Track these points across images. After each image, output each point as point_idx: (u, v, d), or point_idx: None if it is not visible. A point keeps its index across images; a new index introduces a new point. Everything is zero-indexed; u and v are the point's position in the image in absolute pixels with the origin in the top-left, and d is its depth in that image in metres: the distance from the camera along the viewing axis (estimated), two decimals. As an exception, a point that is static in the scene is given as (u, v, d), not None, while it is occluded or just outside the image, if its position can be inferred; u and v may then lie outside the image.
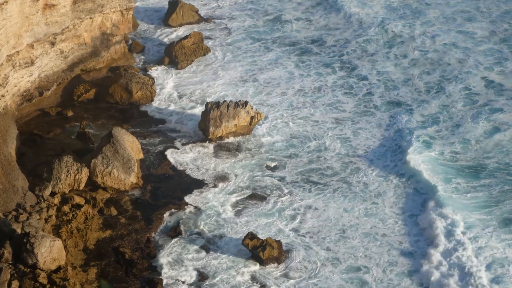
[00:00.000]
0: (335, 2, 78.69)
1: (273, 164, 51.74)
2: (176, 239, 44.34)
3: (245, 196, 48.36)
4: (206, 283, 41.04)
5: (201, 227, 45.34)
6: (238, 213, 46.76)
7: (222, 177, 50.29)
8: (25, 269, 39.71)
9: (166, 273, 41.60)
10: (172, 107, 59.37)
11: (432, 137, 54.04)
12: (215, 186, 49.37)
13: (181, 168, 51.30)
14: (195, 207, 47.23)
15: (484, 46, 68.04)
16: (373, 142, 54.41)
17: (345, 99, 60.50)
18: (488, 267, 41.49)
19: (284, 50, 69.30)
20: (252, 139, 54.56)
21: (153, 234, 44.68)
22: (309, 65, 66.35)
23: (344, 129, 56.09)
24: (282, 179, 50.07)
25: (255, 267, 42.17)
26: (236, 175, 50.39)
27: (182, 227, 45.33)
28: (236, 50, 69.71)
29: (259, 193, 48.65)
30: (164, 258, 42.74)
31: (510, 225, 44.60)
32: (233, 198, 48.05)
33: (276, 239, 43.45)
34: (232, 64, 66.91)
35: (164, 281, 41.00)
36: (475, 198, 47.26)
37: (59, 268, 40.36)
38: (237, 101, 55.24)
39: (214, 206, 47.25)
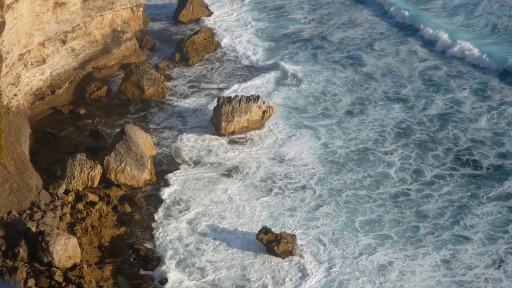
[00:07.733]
0: None
1: (287, 157, 51.61)
2: (190, 234, 44.27)
3: (260, 189, 48.19)
4: (220, 278, 40.93)
5: (215, 221, 45.24)
6: (252, 207, 46.59)
7: (236, 172, 50.14)
8: (41, 267, 39.76)
9: (180, 269, 41.53)
10: (183, 103, 59.28)
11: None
12: (229, 180, 49.23)
13: (194, 164, 51.24)
14: (210, 202, 47.14)
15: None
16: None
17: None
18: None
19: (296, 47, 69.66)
20: (264, 133, 54.42)
21: (168, 230, 44.68)
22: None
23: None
24: (294, 171, 50.00)
25: (270, 260, 42.07)
26: (249, 169, 50.24)
27: (196, 222, 45.24)
28: (245, 43, 69.79)
29: (273, 186, 48.50)
30: (178, 254, 42.66)
31: None
32: (247, 191, 47.90)
33: (291, 233, 43.32)
34: (242, 56, 67.14)
35: (179, 277, 40.92)
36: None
37: (74, 266, 40.36)
38: (249, 95, 55.06)
39: (228, 201, 47.15)
